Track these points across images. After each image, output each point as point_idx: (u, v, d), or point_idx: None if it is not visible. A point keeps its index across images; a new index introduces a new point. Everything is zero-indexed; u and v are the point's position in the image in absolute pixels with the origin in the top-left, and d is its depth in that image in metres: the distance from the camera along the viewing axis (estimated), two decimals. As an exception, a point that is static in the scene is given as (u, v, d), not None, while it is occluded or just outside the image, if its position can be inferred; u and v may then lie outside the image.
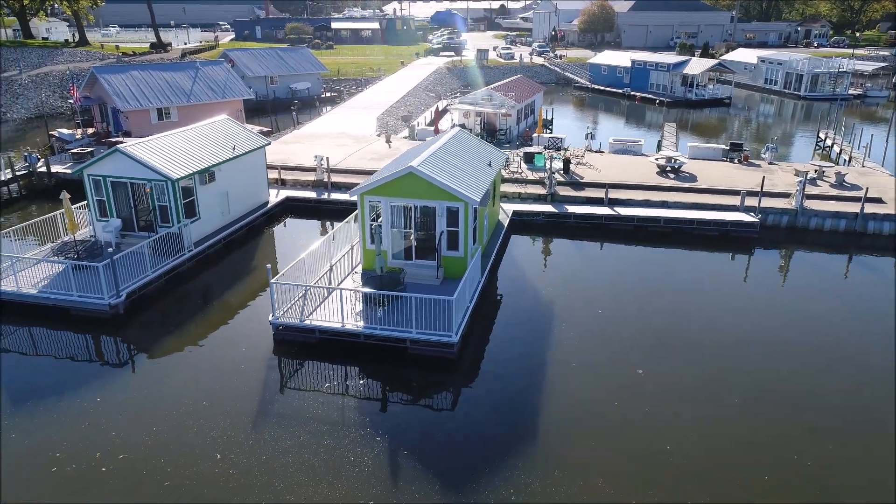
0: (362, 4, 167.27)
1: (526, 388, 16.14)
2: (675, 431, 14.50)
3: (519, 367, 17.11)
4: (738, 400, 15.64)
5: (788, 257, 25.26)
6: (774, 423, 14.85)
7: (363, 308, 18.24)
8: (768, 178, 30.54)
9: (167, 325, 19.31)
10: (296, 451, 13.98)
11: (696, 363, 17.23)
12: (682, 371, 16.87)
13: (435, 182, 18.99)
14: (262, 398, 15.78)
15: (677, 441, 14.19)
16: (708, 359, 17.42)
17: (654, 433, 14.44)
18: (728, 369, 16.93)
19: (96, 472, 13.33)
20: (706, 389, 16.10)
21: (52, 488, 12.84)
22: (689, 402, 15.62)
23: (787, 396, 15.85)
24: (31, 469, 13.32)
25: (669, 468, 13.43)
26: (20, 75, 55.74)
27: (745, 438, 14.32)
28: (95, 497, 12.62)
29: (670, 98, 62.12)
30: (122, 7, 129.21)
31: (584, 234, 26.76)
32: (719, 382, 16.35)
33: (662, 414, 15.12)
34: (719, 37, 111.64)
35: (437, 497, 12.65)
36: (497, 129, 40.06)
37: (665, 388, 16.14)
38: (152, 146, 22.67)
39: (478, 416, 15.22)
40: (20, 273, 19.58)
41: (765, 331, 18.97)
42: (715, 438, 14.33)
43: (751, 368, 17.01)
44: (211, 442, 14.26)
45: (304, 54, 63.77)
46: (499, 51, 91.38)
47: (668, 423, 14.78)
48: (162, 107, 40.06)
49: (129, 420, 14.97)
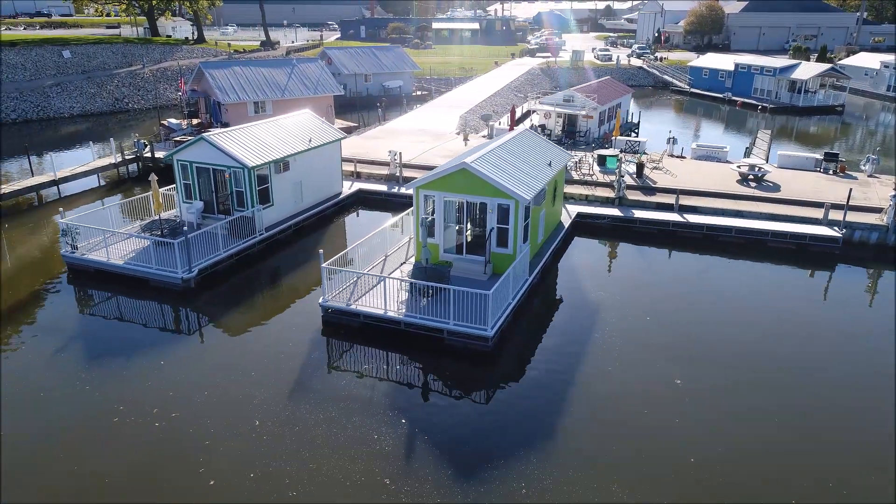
0: (466, 5, 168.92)
1: (557, 387, 16.14)
2: (703, 445, 14.03)
3: (555, 366, 17.11)
4: (778, 426, 14.81)
5: (875, 277, 23.40)
6: (811, 456, 14.01)
7: (407, 298, 18.87)
8: (864, 191, 28.42)
9: (232, 301, 20.86)
10: (326, 424, 14.80)
11: (741, 381, 16.47)
12: (724, 387, 16.20)
13: (486, 178, 19.29)
14: (303, 374, 16.76)
15: (703, 455, 13.73)
16: (756, 379, 16.58)
17: (680, 444, 14.06)
18: (776, 393, 16.01)
19: (149, 425, 14.75)
20: (747, 409, 15.33)
21: (110, 436, 14.34)
22: (724, 418, 15.00)
23: (838, 435, 14.80)
24: (97, 418, 14.92)
25: (687, 480, 13.06)
26: (143, 69, 61.15)
27: (776, 464, 13.63)
28: (142, 446, 14.00)
29: (775, 104, 58.58)
30: (240, 7, 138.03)
31: (651, 240, 26.04)
32: (763, 405, 15.48)
33: (692, 426, 14.67)
34: (842, 40, 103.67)
35: (448, 482, 13.01)
36: (577, 130, 39.58)
37: (702, 401, 15.61)
38: (234, 136, 24.44)
39: (503, 410, 15.43)
40: (111, 246, 21.77)
41: (828, 356, 17.79)
42: (742, 458, 13.73)
43: (802, 395, 16.05)
44: (252, 409, 15.37)
45: (397, 53, 65.64)
46: (596, 52, 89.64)
47: (697, 436, 14.32)
48: (258, 100, 42.73)
49: (186, 382, 16.39)
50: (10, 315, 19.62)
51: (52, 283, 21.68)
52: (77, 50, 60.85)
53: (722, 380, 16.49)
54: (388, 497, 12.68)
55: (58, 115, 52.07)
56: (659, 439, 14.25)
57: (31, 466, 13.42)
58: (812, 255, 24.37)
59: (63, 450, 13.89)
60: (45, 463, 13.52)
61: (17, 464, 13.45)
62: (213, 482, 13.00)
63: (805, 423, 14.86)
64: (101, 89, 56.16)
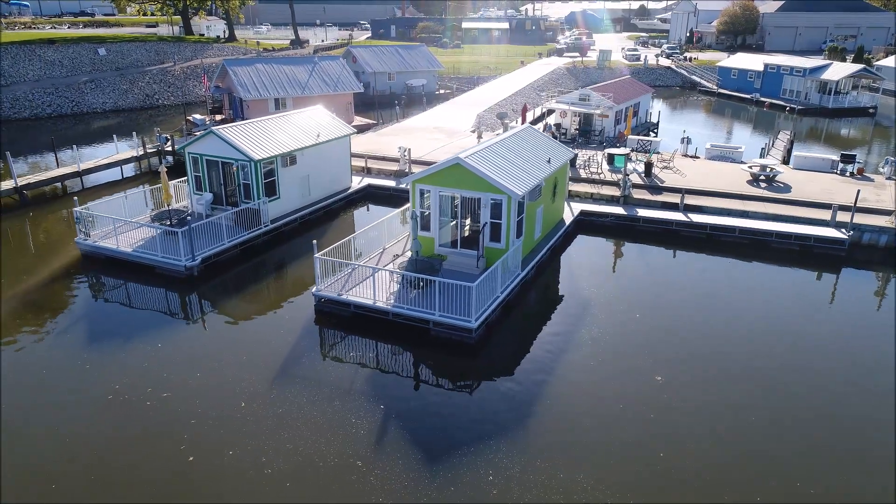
0: (497, 5, 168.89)
1: (537, 380, 16.34)
2: (674, 442, 14.07)
3: (538, 359, 17.31)
4: (754, 425, 14.73)
5: (883, 281, 22.93)
6: (783, 456, 13.95)
7: (398, 289, 19.27)
8: (879, 193, 27.82)
9: (233, 289, 21.57)
10: (308, 408, 15.29)
11: (723, 380, 16.42)
12: (705, 385, 16.18)
13: (479, 173, 19.57)
14: (292, 359, 17.29)
15: (673, 451, 13.78)
16: (739, 379, 16.48)
17: (651, 440, 14.13)
18: (757, 393, 15.91)
19: (141, 404, 15.43)
20: (724, 408, 15.26)
21: (104, 412, 15.08)
22: (700, 417, 14.99)
23: (818, 437, 14.70)
24: (92, 396, 15.68)
25: (653, 475, 13.14)
26: (174, 66, 62.93)
27: (743, 462, 13.62)
28: (130, 422, 14.69)
29: (803, 105, 57.33)
30: (274, 7, 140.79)
31: (655, 239, 25.92)
32: (742, 405, 15.39)
33: (667, 423, 14.72)
34: (884, 40, 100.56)
35: (417, 465, 13.36)
36: (592, 129, 39.49)
37: (681, 398, 15.62)
38: (243, 130, 25.19)
39: (480, 400, 15.71)
40: (121, 234, 22.69)
41: (817, 359, 17.57)
42: (711, 454, 13.74)
43: (783, 396, 15.91)
44: (239, 391, 15.96)
45: (422, 52, 66.17)
46: (624, 52, 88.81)
47: (669, 433, 14.37)
48: (279, 97, 43.69)
49: (181, 365, 17.07)
50: (23, 297, 20.64)
51: (66, 269, 22.69)
52: (112, 48, 62.93)
53: (703, 378, 16.47)
54: (358, 477, 13.09)
55: (91, 111, 54.00)
56: (630, 433, 14.35)
57: (19, 437, 14.19)
58: (816, 257, 23.99)
59: (54, 422, 14.64)
60: (30, 434, 14.27)
61: (6, 431, 14.26)
62: (192, 458, 13.59)
63: (783, 423, 14.77)
64: (133, 86, 58.02)
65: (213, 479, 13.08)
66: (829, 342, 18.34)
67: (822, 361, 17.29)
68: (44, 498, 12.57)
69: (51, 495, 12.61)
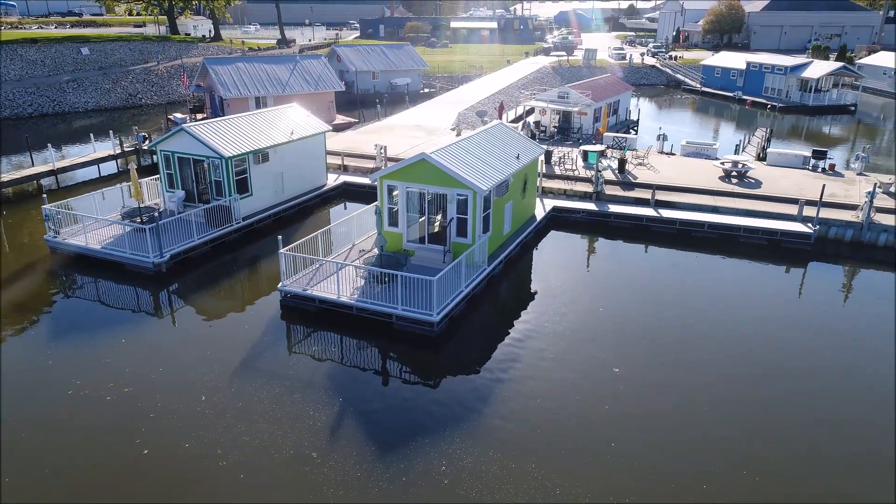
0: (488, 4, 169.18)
1: (497, 373, 16.47)
2: (626, 432, 14.22)
3: (501, 353, 17.43)
4: (710, 415, 14.93)
5: (848, 275, 23.20)
6: (732, 446, 14.15)
7: (363, 285, 19.37)
8: (848, 189, 28.13)
9: (202, 285, 21.61)
10: (268, 401, 15.38)
11: (681, 372, 16.61)
12: (662, 378, 16.34)
13: (444, 169, 19.70)
14: (255, 354, 17.36)
15: (624, 442, 13.93)
16: (698, 370, 16.68)
17: (602, 430, 14.28)
18: (718, 385, 16.09)
19: (101, 399, 15.47)
20: (679, 399, 15.47)
21: (62, 406, 15.11)
22: (654, 408, 15.15)
23: (769, 427, 14.91)
24: (53, 390, 15.70)
25: (603, 464, 13.29)
26: (158, 66, 62.78)
27: (696, 452, 13.81)
28: (87, 416, 14.74)
29: (784, 103, 57.78)
30: (263, 7, 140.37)
31: (627, 235, 26.12)
32: (698, 396, 15.62)
33: (620, 414, 14.88)
34: (868, 39, 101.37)
35: (371, 457, 13.47)
36: (570, 126, 39.69)
37: (636, 390, 15.79)
38: (215, 127, 25.22)
39: (440, 393, 15.84)
40: (92, 232, 22.69)
41: (777, 351, 17.78)
42: (663, 445, 13.91)
43: (740, 387, 16.12)
44: (201, 385, 16.02)
45: (406, 51, 66.27)
46: (610, 51, 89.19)
47: (622, 423, 14.53)
48: (260, 96, 43.69)
49: (144, 360, 17.11)
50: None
51: (34, 266, 22.67)
52: (95, 47, 62.72)
53: (662, 371, 16.65)
54: (312, 468, 13.19)
55: (72, 110, 53.82)
56: (582, 424, 14.51)
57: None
58: (784, 252, 24.24)
59: (7, 417, 14.66)
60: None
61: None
62: (146, 451, 13.66)
63: (744, 415, 14.94)
64: (116, 85, 57.84)
65: (165, 471, 13.14)
66: (794, 335, 18.52)
67: (786, 354, 17.49)
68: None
69: (2, 488, 12.65)
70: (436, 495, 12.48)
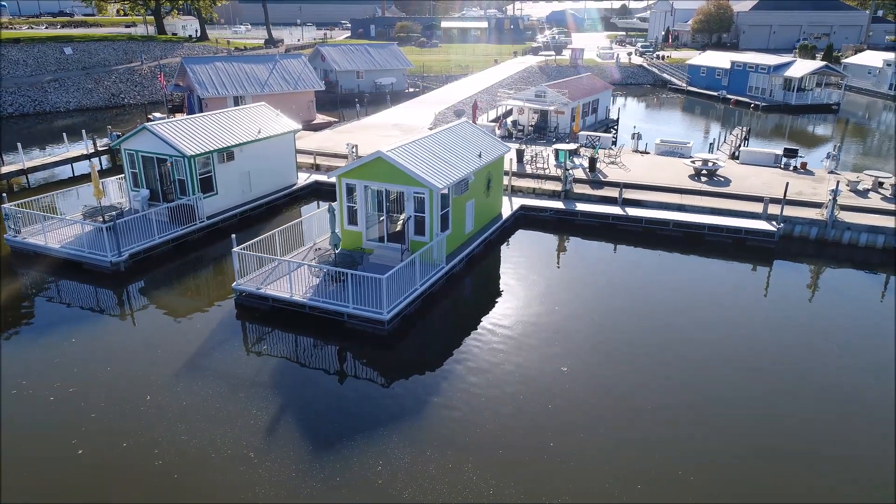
0: (480, 4, 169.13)
1: (446, 372, 16.40)
2: (568, 433, 14.15)
3: (452, 351, 17.34)
4: (659, 416, 14.85)
5: (814, 273, 23.15)
6: (684, 447, 14.11)
7: (318, 283, 19.29)
8: (816, 187, 28.13)
9: (160, 284, 21.51)
10: (212, 399, 15.29)
11: (629, 370, 16.55)
12: (610, 376, 16.28)
13: (400, 167, 19.63)
14: (205, 353, 17.26)
15: (565, 442, 13.86)
16: (647, 368, 16.64)
17: (544, 430, 14.22)
18: (669, 382, 16.05)
19: (44, 399, 15.36)
20: (624, 397, 15.44)
21: (3, 406, 15.01)
22: (599, 406, 15.12)
23: (720, 422, 14.87)
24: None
25: (540, 465, 13.21)
26: (142, 66, 62.61)
27: (637, 452, 13.75)
28: (27, 416, 14.64)
29: (767, 102, 57.83)
30: (254, 6, 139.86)
31: (594, 233, 26.06)
32: (651, 394, 15.56)
33: (563, 413, 14.82)
34: (856, 38, 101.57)
35: (308, 457, 13.40)
36: (547, 125, 39.65)
37: (583, 389, 15.74)
38: (179, 125, 25.11)
39: (385, 392, 15.77)
40: (52, 231, 22.58)
41: (738, 348, 17.69)
42: (605, 445, 13.85)
43: (698, 385, 16.08)
44: (147, 384, 15.93)
45: (391, 50, 66.18)
46: (598, 51, 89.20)
47: (564, 422, 14.47)
48: (238, 95, 43.59)
49: (93, 360, 17.01)
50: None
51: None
52: (79, 47, 62.53)
53: (610, 369, 16.59)
54: (247, 468, 13.11)
55: (54, 110, 53.62)
56: (524, 423, 14.44)
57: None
58: (748, 250, 24.21)
59: (-47, 417, 14.58)
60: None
61: None
62: (80, 451, 13.56)
63: (690, 413, 14.91)
64: (98, 85, 57.65)
65: (98, 470, 13.05)
66: (757, 332, 18.45)
67: (749, 351, 17.41)
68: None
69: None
70: (369, 496, 12.41)
